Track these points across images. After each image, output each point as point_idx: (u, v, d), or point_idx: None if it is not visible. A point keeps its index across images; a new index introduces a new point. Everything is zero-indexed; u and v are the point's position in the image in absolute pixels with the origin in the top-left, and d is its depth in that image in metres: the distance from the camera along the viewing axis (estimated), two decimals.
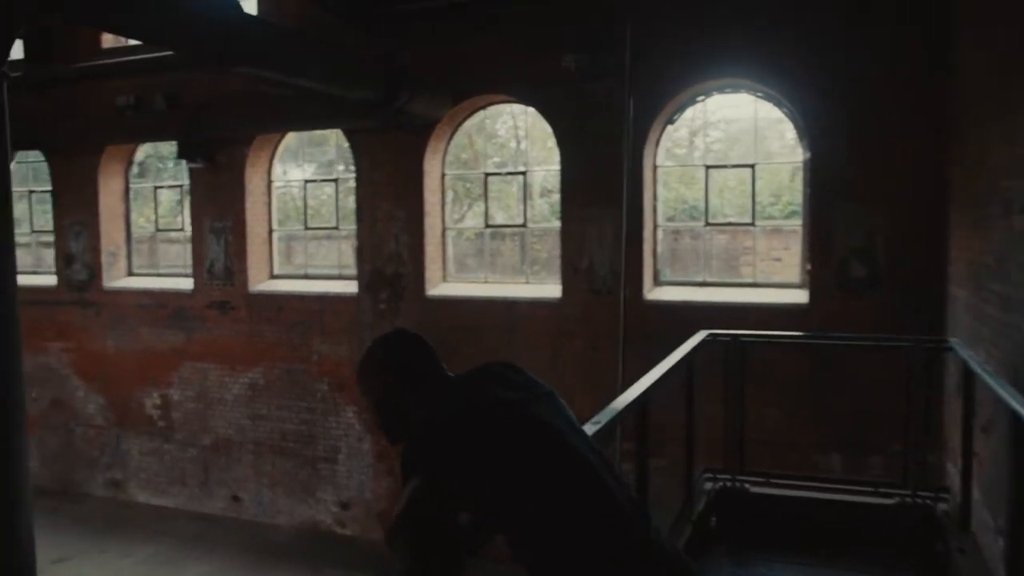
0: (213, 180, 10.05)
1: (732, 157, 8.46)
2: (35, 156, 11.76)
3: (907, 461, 5.14)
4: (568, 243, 8.34)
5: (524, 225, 9.10)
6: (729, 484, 5.23)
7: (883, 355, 5.89)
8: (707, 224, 8.27)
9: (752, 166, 8.06)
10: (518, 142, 9.62)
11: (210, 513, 10.38)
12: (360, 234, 9.36)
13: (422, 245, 9.04)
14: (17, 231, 12.33)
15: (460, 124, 9.21)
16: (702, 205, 8.30)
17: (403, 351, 2.07)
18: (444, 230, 9.31)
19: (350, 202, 9.70)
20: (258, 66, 6.72)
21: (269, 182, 10.22)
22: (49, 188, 11.48)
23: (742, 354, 5.24)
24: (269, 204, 10.22)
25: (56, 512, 10.38)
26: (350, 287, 9.52)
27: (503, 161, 9.59)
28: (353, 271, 9.56)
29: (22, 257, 12.33)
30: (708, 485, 5.23)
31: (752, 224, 8.12)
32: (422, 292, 9.03)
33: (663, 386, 3.89)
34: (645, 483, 3.64)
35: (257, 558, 9.30)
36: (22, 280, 11.90)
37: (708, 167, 8.28)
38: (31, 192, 12.36)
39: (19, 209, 12.46)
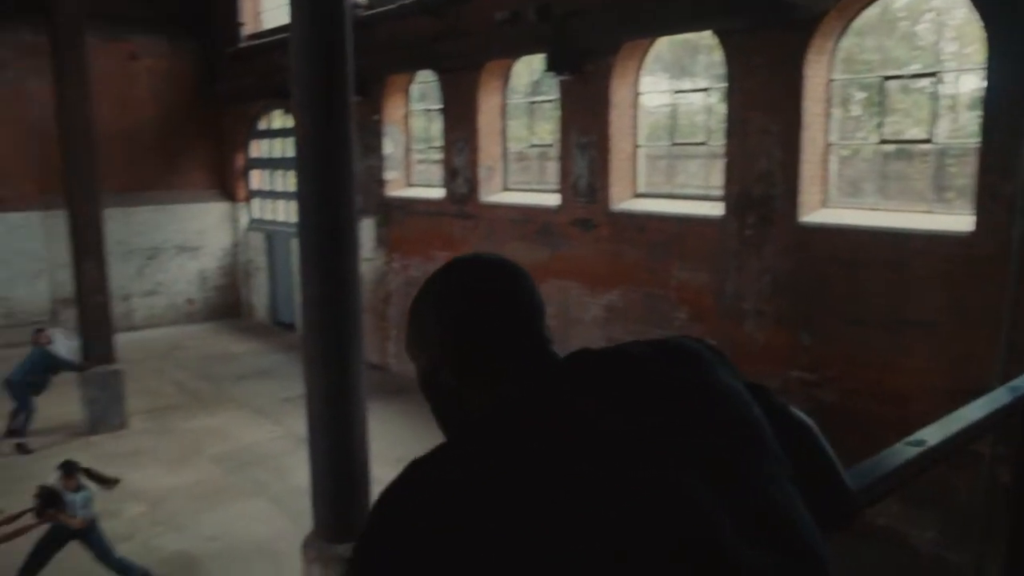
0: (580, 93, 9.76)
1: None
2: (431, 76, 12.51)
3: None
4: (990, 165, 6.60)
5: (930, 141, 7.45)
6: None
7: None
8: None
9: None
10: (933, 39, 7.85)
11: None
12: (729, 150, 8.42)
13: (797, 164, 7.84)
14: (416, 147, 13.37)
15: (852, 18, 7.72)
16: None
17: (472, 310, 1.17)
18: (827, 146, 7.99)
19: (721, 115, 8.76)
20: None
21: (636, 94, 9.64)
22: (440, 106, 12.17)
23: None
24: (635, 118, 9.68)
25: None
26: (715, 209, 8.68)
27: (909, 63, 7.92)
28: (719, 192, 8.70)
29: (421, 172, 13.37)
30: None
31: None
32: (794, 218, 7.89)
33: None
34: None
35: None
36: (419, 193, 12.97)
37: None
38: (427, 110, 13.25)
39: (417, 126, 13.46)
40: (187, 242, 17.24)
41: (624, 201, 9.71)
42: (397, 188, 13.33)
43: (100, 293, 10.75)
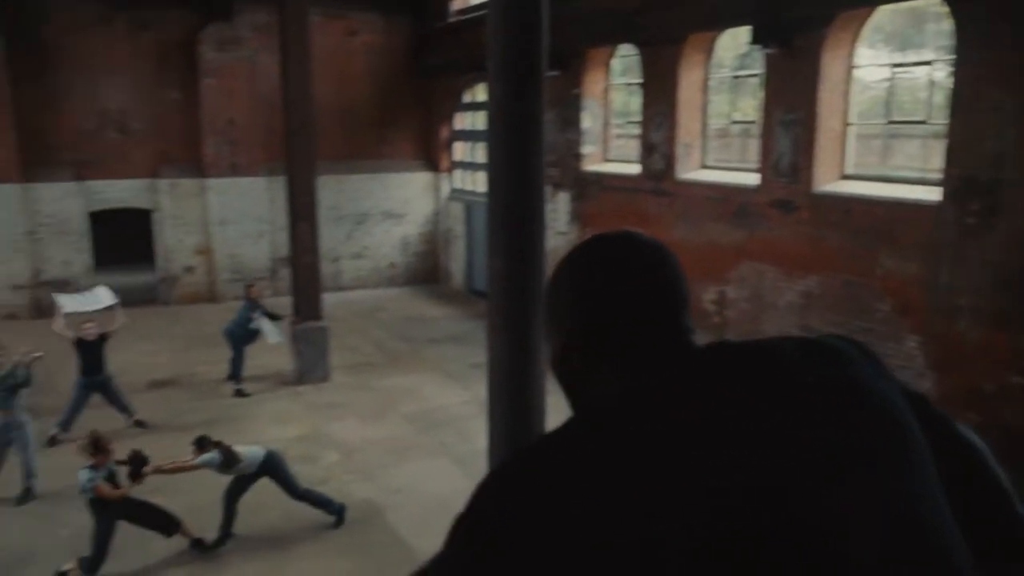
0: (787, 67, 9.24)
1: None
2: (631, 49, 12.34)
3: None
4: None
5: None
6: None
7: None
8: None
9: None
10: None
11: None
12: (952, 129, 7.67)
13: None
14: (614, 121, 13.27)
15: None
16: None
17: (607, 288, 1.11)
18: None
19: (946, 91, 8.00)
20: None
21: (849, 68, 9.00)
22: (639, 80, 11.98)
23: None
24: (846, 94, 9.04)
25: None
26: (932, 194, 7.97)
27: None
28: (937, 175, 7.97)
29: (618, 147, 13.27)
30: None
31: None
32: None
33: None
34: None
35: None
36: (615, 168, 12.89)
37: None
38: (627, 84, 13.10)
39: (616, 100, 13.34)
40: (393, 209, 18.17)
41: (829, 182, 9.13)
42: (593, 163, 13.30)
43: (311, 254, 11.58)
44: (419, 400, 10.96)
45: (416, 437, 9.73)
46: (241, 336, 11.18)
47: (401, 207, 18.24)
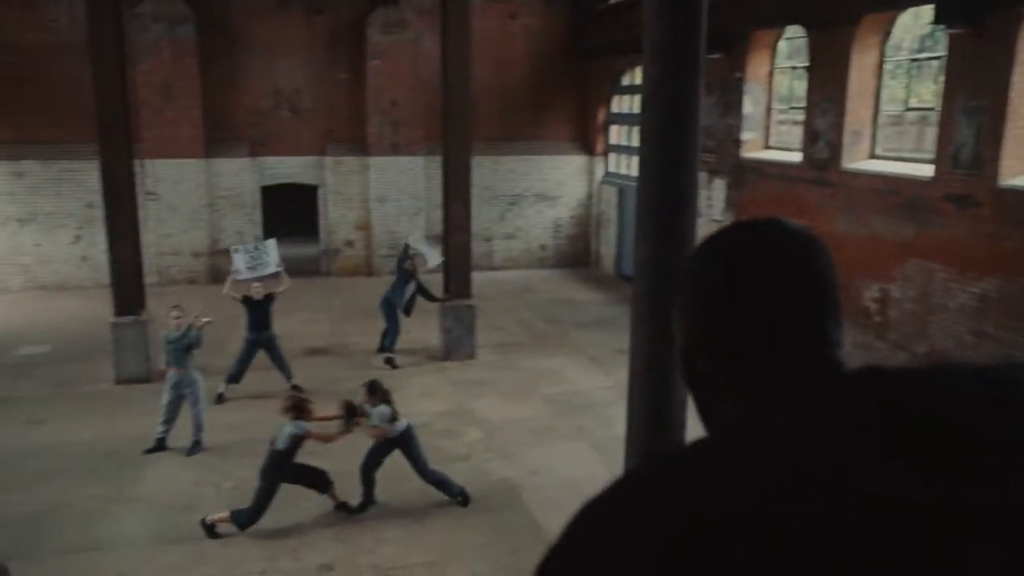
0: (975, 49, 8.51)
1: None
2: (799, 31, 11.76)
3: None
4: None
5: None
6: None
7: None
8: None
9: None
10: None
11: None
12: None
13: None
14: (778, 107, 12.74)
15: None
16: None
17: (737, 284, 0.95)
18: None
19: None
20: None
21: None
22: (805, 64, 11.41)
23: None
24: None
25: None
26: None
27: None
28: None
29: (778, 134, 12.74)
30: None
31: None
32: None
33: None
34: None
35: None
36: (774, 155, 12.37)
37: None
38: (793, 68, 12.51)
39: (780, 84, 12.79)
40: (546, 191, 18.25)
41: (1017, 176, 8.37)
42: (753, 149, 12.82)
43: (463, 233, 11.81)
44: (562, 383, 10.99)
45: (556, 419, 9.77)
46: (394, 307, 11.54)
47: (554, 189, 18.29)
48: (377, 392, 7.52)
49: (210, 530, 7.04)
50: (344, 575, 6.60)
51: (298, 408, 7.21)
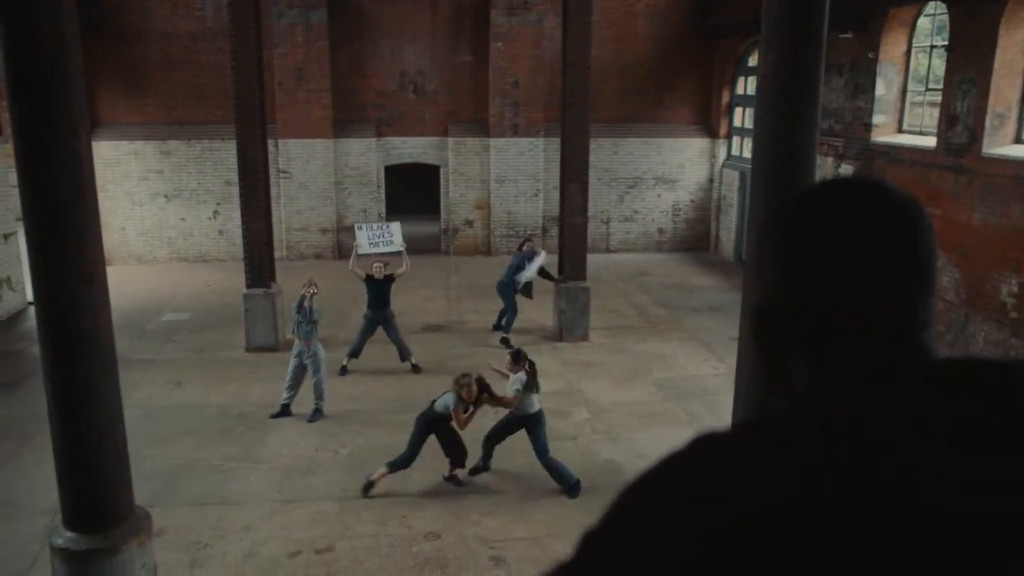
0: None
1: None
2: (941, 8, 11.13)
3: None
4: None
5: None
6: None
7: None
8: None
9: None
10: None
11: None
12: None
13: None
14: (913, 88, 12.14)
15: None
16: None
17: (818, 246, 0.85)
18: None
19: None
20: None
21: None
22: (946, 43, 10.80)
23: None
24: None
25: None
26: None
27: None
28: None
29: (912, 117, 12.14)
30: None
31: None
32: None
33: None
34: None
35: None
36: (907, 140, 11.80)
37: None
38: (932, 47, 11.87)
39: (916, 65, 12.17)
40: (666, 174, 18.01)
41: None
42: (884, 133, 12.26)
43: (580, 215, 11.85)
44: (672, 368, 10.92)
45: (665, 404, 9.73)
46: (510, 288, 11.69)
47: (674, 172, 18.02)
48: (521, 360, 7.73)
49: (368, 488, 7.48)
50: (450, 543, 6.84)
51: (476, 386, 7.51)
